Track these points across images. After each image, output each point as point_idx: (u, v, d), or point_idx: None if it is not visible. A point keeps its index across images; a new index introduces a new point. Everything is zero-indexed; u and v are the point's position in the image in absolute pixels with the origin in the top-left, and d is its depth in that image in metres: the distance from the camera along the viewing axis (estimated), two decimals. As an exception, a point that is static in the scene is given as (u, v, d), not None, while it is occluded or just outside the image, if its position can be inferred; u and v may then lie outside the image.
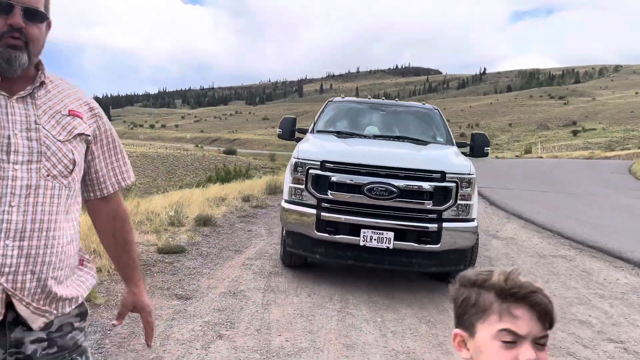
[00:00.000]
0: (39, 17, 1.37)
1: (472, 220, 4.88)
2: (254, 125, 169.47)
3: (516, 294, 1.03)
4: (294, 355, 3.43)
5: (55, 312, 1.38)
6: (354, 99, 7.31)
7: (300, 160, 4.94)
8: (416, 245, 4.66)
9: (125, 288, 1.67)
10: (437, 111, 6.66)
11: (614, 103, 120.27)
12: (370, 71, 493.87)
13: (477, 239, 5.12)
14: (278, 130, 6.38)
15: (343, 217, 4.74)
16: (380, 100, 7.09)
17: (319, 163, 4.85)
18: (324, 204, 4.81)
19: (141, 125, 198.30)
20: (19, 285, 1.30)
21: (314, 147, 5.20)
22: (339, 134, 5.85)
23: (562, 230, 8.63)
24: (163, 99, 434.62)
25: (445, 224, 4.69)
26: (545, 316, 1.02)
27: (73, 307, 1.45)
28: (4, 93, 1.34)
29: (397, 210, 4.71)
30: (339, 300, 4.60)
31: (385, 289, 4.98)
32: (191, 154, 56.41)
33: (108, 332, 3.62)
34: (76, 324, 1.48)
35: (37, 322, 1.34)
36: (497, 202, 12.03)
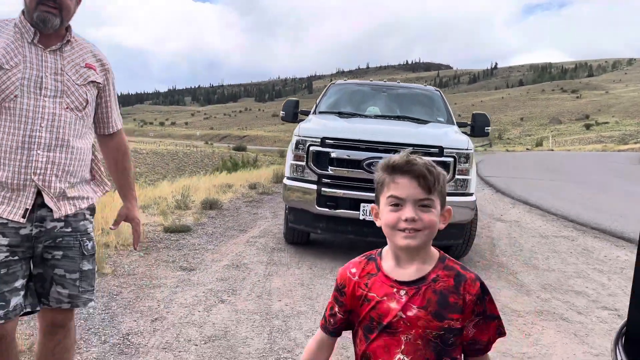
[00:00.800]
0: None
1: (471, 194, 4.96)
2: (264, 121, 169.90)
3: (398, 167, 1.21)
4: (292, 317, 3.55)
5: (71, 208, 1.89)
6: (356, 81, 7.39)
7: (302, 138, 5.05)
8: (415, 218, 4.74)
9: (123, 203, 2.19)
10: (438, 92, 6.73)
11: (628, 96, 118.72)
12: (380, 67, 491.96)
13: (476, 214, 5.19)
14: (281, 113, 6.50)
15: (343, 192, 4.85)
16: (382, 82, 7.17)
17: (319, 140, 4.95)
18: (325, 180, 4.92)
19: (151, 123, 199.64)
20: (46, 183, 1.81)
21: (315, 125, 5.31)
22: (341, 114, 5.95)
23: (566, 214, 8.65)
24: (173, 97, 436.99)
25: (443, 198, 4.77)
26: (424, 181, 1.19)
27: (85, 205, 1.96)
28: (41, 45, 1.84)
29: (396, 184, 4.79)
30: (339, 272, 4.71)
31: (386, 263, 5.08)
32: (201, 151, 56.72)
33: (115, 296, 3.77)
34: (87, 216, 2.00)
35: (57, 213, 1.85)
36: (504, 189, 12.05)
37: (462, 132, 5.86)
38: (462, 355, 1.26)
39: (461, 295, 1.20)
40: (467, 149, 4.92)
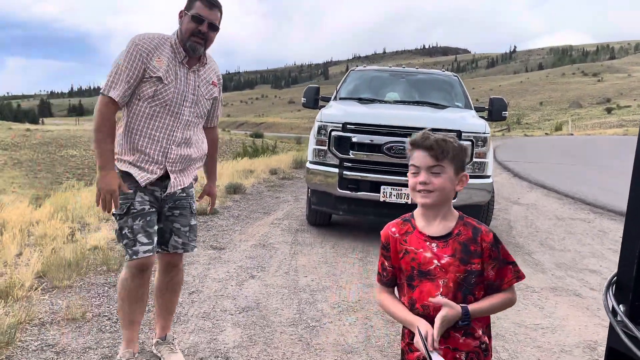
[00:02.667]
0: (215, 28, 2.44)
1: (488, 177, 5.12)
2: (280, 108, 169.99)
3: (415, 142, 1.52)
4: (319, 291, 3.80)
5: (185, 181, 2.56)
6: (376, 67, 7.54)
7: (324, 123, 5.26)
8: (433, 200, 4.93)
9: (207, 182, 2.86)
10: (456, 78, 6.85)
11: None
12: (397, 52, 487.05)
13: (493, 196, 5.36)
14: (302, 99, 6.68)
15: (364, 175, 5.05)
16: (401, 68, 7.31)
17: (341, 125, 5.15)
18: (346, 164, 5.13)
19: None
20: (174, 168, 2.49)
21: (337, 111, 5.50)
22: (361, 100, 6.13)
23: (583, 197, 8.74)
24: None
25: (461, 180, 4.94)
26: (433, 152, 1.48)
27: (192, 178, 2.64)
28: (187, 65, 2.45)
29: (415, 167, 4.98)
30: (360, 251, 4.94)
31: (405, 244, 5.29)
32: (219, 138, 57.21)
33: (153, 272, 4.03)
34: (193, 184, 2.67)
35: (175, 187, 2.51)
36: (521, 173, 12.12)
37: (480, 116, 6.00)
38: (483, 292, 1.53)
39: (479, 243, 1.49)
40: (484, 133, 5.08)
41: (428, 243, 1.52)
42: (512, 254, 1.61)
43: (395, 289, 1.64)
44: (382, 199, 4.97)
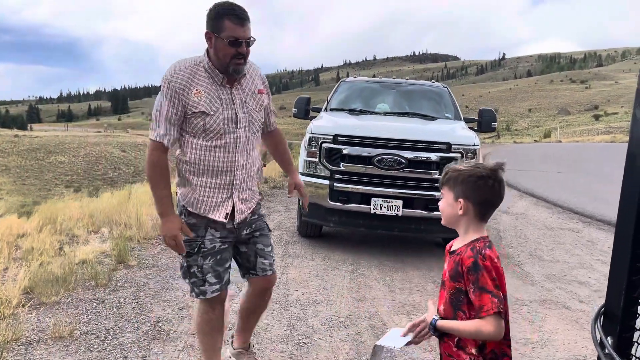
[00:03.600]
0: (252, 42, 2.25)
1: (477, 189, 5.14)
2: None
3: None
4: (309, 305, 3.79)
5: (252, 206, 2.47)
6: (366, 78, 7.57)
7: (314, 135, 5.26)
8: (423, 212, 4.96)
9: (289, 176, 2.80)
10: (446, 89, 6.90)
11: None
12: (387, 58, 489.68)
13: (483, 208, 5.38)
14: (293, 110, 6.69)
15: (354, 187, 5.06)
16: (391, 79, 7.35)
17: (331, 137, 5.16)
18: (337, 175, 5.13)
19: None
20: (240, 194, 2.39)
21: (327, 123, 5.51)
22: (351, 111, 6.15)
23: (572, 206, 8.81)
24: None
25: (451, 193, 4.97)
26: (441, 180, 1.72)
27: (258, 199, 2.55)
28: (228, 86, 2.29)
29: (405, 179, 5.00)
30: (351, 263, 4.93)
31: (396, 255, 5.30)
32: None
33: (142, 287, 4.02)
34: (259, 207, 2.58)
35: (244, 213, 2.43)
36: (511, 181, 12.19)
37: (469, 127, 6.04)
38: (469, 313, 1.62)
39: (460, 266, 1.60)
40: (474, 145, 5.11)
41: (446, 256, 1.73)
42: (502, 264, 1.64)
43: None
44: (372, 211, 4.98)
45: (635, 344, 1.20)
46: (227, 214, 2.35)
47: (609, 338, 1.18)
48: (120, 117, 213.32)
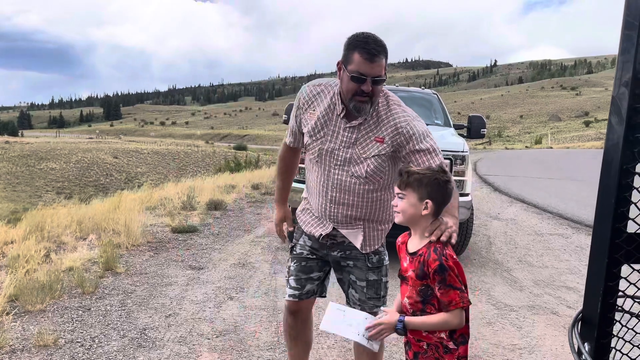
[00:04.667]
0: (380, 81, 2.03)
1: (466, 195, 5.17)
2: (264, 121, 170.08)
3: (400, 171, 1.81)
4: (297, 312, 3.76)
5: (351, 238, 2.26)
6: (356, 85, 7.59)
7: (304, 141, 5.26)
8: (413, 218, 4.96)
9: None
10: (435, 96, 6.93)
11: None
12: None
13: (472, 214, 5.40)
14: (284, 117, 6.69)
15: (344, 193, 5.05)
16: (381, 86, 7.37)
17: (321, 143, 5.15)
18: (327, 182, 5.12)
19: (152, 123, 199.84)
20: (337, 224, 2.24)
21: (317, 129, 5.51)
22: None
23: (562, 212, 8.87)
24: (173, 96, 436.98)
25: (440, 199, 4.98)
26: (398, 182, 1.78)
27: (360, 240, 2.29)
28: (345, 119, 2.12)
29: (395, 186, 5.00)
30: (341, 270, 4.92)
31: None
32: (202, 151, 56.92)
33: (129, 294, 3.98)
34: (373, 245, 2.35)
35: (325, 230, 2.26)
36: (501, 188, 12.27)
37: (459, 134, 6.07)
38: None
39: (426, 267, 1.71)
40: (462, 151, 5.13)
41: (405, 255, 1.81)
42: (491, 270, 1.69)
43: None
44: (362, 217, 4.97)
45: (613, 350, 1.20)
46: (320, 234, 2.26)
47: (586, 344, 1.18)
48: (112, 124, 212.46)
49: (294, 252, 2.36)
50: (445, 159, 5.01)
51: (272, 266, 4.93)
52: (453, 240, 1.74)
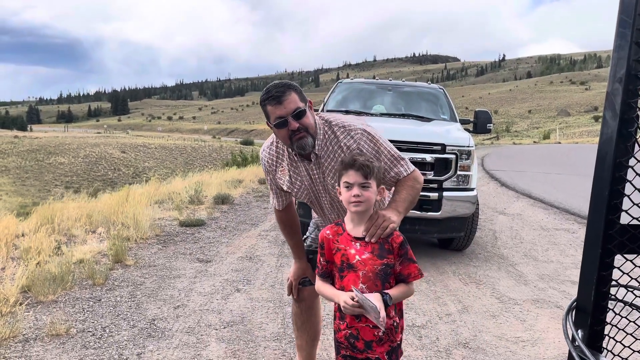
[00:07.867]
0: (301, 113, 2.07)
1: (472, 189, 5.19)
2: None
3: (347, 164, 1.86)
4: (303, 305, 3.82)
5: None
6: (363, 79, 7.60)
7: (310, 136, 5.30)
8: (418, 212, 5.00)
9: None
10: (442, 90, 6.94)
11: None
12: (387, 59, 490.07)
13: (477, 208, 5.43)
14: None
15: (350, 188, 5.09)
16: (388, 80, 7.40)
17: (327, 138, 5.19)
18: (333, 176, 5.17)
19: (159, 118, 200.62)
20: None
21: (323, 124, 5.55)
22: (348, 112, 6.18)
23: (568, 207, 8.85)
24: (180, 91, 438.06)
25: (445, 193, 5.02)
26: (363, 172, 1.83)
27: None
28: (307, 160, 2.21)
29: (401, 180, 5.04)
30: (346, 263, 4.97)
31: (391, 255, 5.34)
32: (209, 145, 57.14)
33: (139, 286, 4.06)
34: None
35: None
36: (508, 183, 12.25)
37: (465, 129, 6.08)
38: (394, 282, 1.89)
39: (390, 243, 1.86)
40: (468, 146, 5.15)
41: (353, 242, 1.88)
42: (496, 264, 1.73)
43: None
44: (367, 212, 5.02)
45: (607, 337, 1.25)
46: None
47: (579, 331, 1.22)
48: (120, 118, 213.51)
49: (304, 244, 2.54)
50: (450, 153, 5.07)
51: (278, 259, 4.99)
52: (388, 231, 1.86)
